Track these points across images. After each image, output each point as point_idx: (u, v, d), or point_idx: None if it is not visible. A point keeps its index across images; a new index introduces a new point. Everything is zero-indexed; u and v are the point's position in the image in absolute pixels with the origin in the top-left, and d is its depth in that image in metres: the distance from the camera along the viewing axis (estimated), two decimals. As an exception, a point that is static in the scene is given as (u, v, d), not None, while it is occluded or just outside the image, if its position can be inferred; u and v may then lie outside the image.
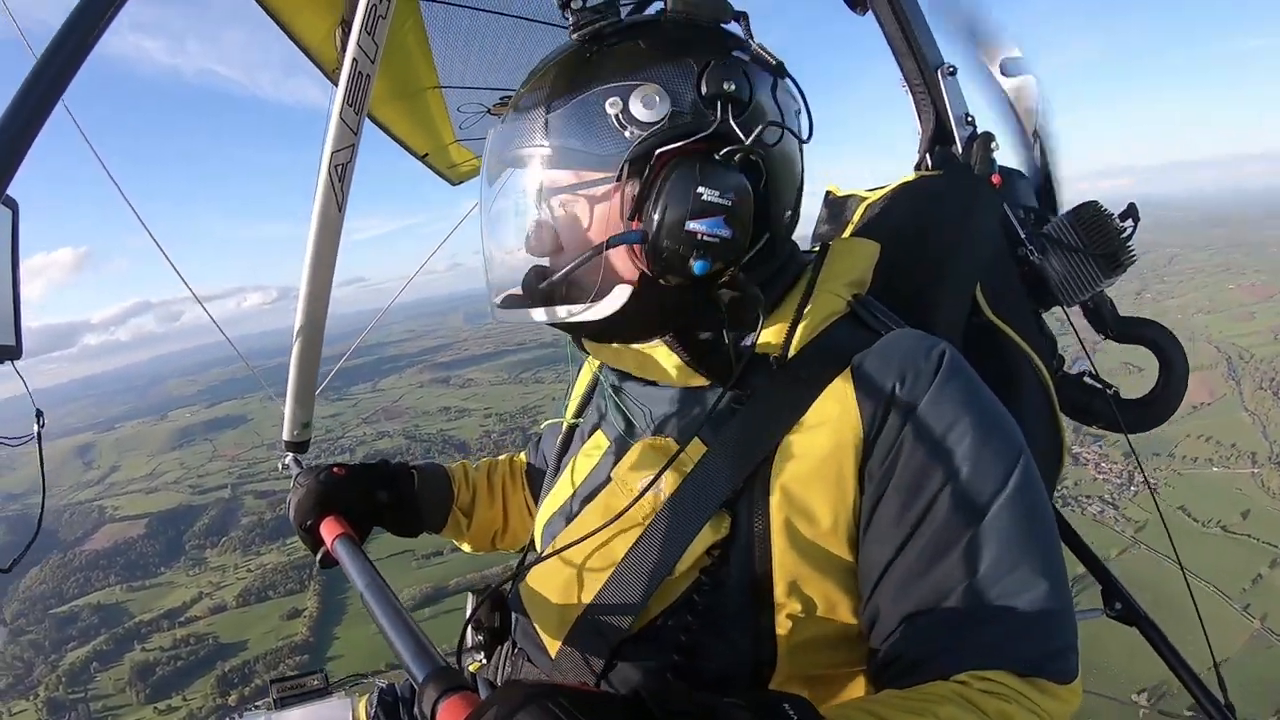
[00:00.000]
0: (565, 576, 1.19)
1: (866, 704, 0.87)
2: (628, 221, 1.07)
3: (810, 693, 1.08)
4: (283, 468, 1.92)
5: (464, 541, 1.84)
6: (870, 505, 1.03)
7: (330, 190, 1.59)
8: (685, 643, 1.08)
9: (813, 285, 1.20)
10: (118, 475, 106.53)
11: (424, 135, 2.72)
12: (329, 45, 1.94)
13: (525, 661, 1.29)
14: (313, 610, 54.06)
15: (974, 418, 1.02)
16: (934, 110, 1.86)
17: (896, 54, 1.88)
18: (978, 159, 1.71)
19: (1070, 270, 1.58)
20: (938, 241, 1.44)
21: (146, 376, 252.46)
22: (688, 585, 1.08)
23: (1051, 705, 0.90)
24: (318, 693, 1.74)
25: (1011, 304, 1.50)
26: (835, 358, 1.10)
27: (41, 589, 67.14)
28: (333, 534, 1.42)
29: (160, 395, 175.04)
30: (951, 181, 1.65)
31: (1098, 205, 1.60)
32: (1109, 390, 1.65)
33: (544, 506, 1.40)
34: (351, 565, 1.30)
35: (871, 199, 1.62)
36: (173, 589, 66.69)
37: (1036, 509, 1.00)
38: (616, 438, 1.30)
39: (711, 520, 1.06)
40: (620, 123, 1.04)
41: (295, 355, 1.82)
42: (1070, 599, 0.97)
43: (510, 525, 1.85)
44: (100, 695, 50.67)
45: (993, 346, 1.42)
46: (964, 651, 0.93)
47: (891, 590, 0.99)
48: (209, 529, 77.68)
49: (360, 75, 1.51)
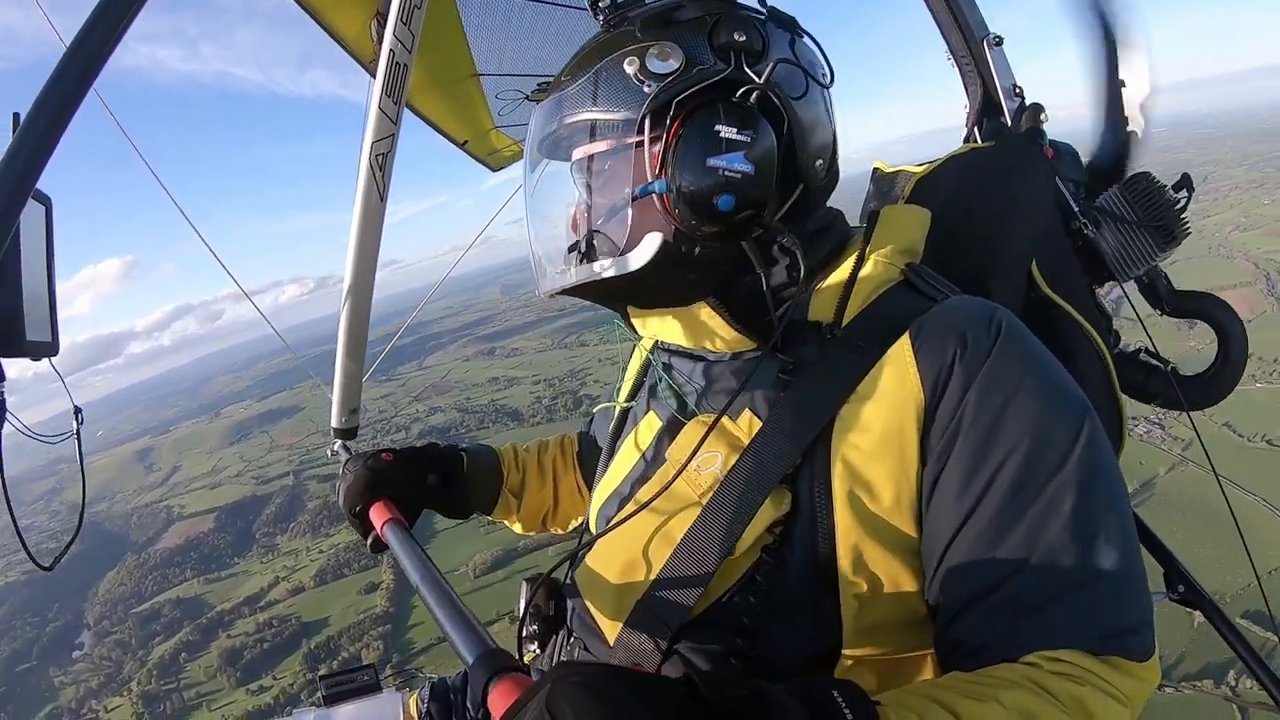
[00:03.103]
0: (623, 560, 1.17)
1: (929, 689, 0.83)
2: (655, 176, 1.09)
3: (879, 678, 1.08)
4: (332, 454, 1.96)
5: (514, 522, 1.84)
6: (933, 478, 0.99)
7: (372, 180, 1.64)
8: (748, 626, 1.06)
9: (864, 252, 1.18)
10: (180, 475, 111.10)
11: (463, 123, 2.75)
12: (365, 38, 1.97)
13: (582, 650, 1.27)
14: (389, 583, 55.55)
15: (1037, 382, 0.99)
16: (981, 82, 1.84)
17: (941, 27, 1.87)
18: (1027, 131, 1.70)
19: (1124, 244, 1.55)
20: (992, 215, 1.42)
21: (193, 377, 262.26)
22: (749, 565, 1.06)
23: (1128, 684, 0.86)
24: (367, 688, 1.68)
25: (1067, 279, 1.45)
26: (892, 325, 1.07)
27: (121, 590, 70.31)
28: (382, 519, 1.44)
29: (210, 394, 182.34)
30: (1005, 153, 1.60)
31: (1150, 176, 1.56)
32: (1167, 367, 1.61)
33: (598, 490, 1.39)
34: (401, 550, 1.31)
35: (920, 173, 1.58)
36: (249, 577, 69.43)
37: (1105, 475, 0.95)
38: (669, 418, 1.28)
39: (772, 496, 1.04)
40: (638, 79, 1.07)
41: (341, 343, 1.86)
42: (1143, 570, 0.93)
43: (561, 506, 1.85)
44: (193, 683, 53.11)
45: (1050, 322, 1.37)
46: (1033, 631, 0.88)
47: (956, 568, 0.96)
48: (277, 516, 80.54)
49: (398, 66, 1.55)
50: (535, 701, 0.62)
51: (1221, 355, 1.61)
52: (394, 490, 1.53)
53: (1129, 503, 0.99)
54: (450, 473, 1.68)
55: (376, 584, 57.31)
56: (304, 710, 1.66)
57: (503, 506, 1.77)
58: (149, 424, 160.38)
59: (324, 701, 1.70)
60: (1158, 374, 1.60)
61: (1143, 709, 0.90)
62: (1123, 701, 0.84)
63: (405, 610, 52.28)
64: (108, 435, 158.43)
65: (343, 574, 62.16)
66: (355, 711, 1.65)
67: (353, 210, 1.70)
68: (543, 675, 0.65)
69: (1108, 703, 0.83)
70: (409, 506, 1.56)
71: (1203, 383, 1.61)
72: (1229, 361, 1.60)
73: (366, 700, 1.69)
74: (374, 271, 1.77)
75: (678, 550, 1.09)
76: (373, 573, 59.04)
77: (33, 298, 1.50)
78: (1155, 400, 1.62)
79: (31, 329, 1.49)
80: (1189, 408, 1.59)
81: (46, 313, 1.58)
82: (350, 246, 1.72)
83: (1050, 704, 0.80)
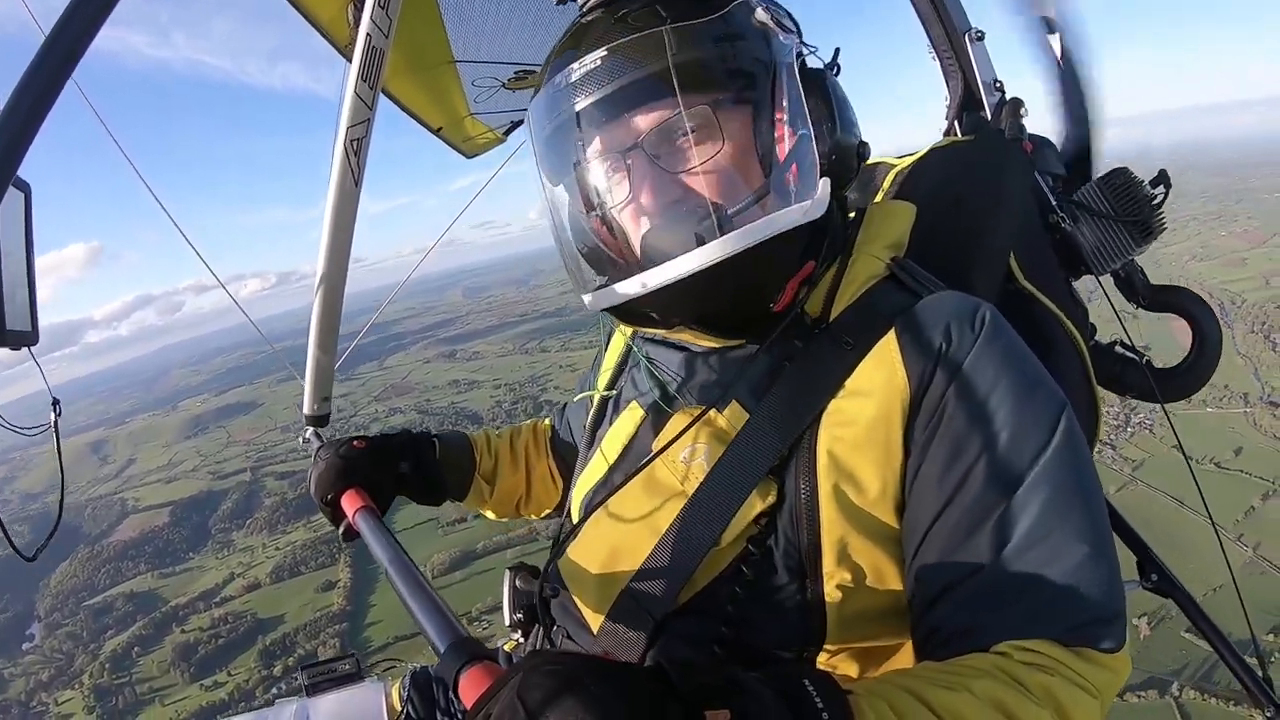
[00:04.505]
0: (608, 550, 1.17)
1: (900, 679, 0.82)
2: (788, 127, 1.08)
3: (861, 666, 1.09)
4: (304, 442, 1.92)
5: (487, 509, 1.83)
6: (914, 468, 1.01)
7: (346, 165, 1.59)
8: (733, 615, 1.06)
9: (851, 248, 1.20)
10: (135, 468, 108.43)
11: (438, 109, 2.66)
12: (342, 22, 1.93)
13: (565, 638, 1.26)
14: (346, 581, 55.63)
15: (1016, 377, 1.01)
16: (962, 76, 1.83)
17: (924, 20, 1.86)
18: (1007, 125, 1.68)
19: (1102, 238, 1.56)
20: (972, 208, 1.41)
21: (151, 369, 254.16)
22: (735, 555, 1.06)
23: (1098, 676, 0.86)
24: (349, 677, 1.71)
25: (1044, 271, 1.47)
26: (878, 320, 1.08)
27: (72, 582, 68.97)
28: (354, 507, 1.43)
29: (167, 387, 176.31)
30: (984, 147, 1.61)
31: (1128, 172, 1.58)
32: (1142, 359, 1.61)
33: (580, 480, 1.39)
34: (373, 538, 1.30)
35: (901, 165, 1.59)
36: (204, 572, 68.45)
37: (1080, 469, 0.97)
38: (652, 407, 1.28)
39: (758, 488, 1.04)
40: (774, 28, 1.07)
41: (314, 329, 1.81)
42: (1117, 563, 0.93)
43: (534, 492, 1.83)
44: (145, 678, 52.57)
45: (1027, 314, 1.38)
46: (1005, 620, 0.89)
47: (932, 557, 0.97)
48: (233, 512, 79.50)
49: (374, 50, 1.50)
50: (507, 690, 0.61)
51: (1196, 348, 1.63)
52: (365, 478, 1.51)
53: (1103, 497, 1.00)
54: (422, 459, 1.65)
55: (334, 582, 56.99)
56: (287, 700, 1.67)
57: (475, 493, 1.75)
58: (104, 415, 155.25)
59: (306, 691, 1.70)
60: (1133, 366, 1.61)
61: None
62: (1092, 693, 0.84)
63: (363, 608, 52.23)
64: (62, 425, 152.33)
65: (299, 571, 61.71)
66: (338, 700, 1.66)
67: (326, 195, 1.66)
68: (513, 664, 0.65)
69: (1077, 693, 0.82)
70: (381, 494, 1.54)
71: (1177, 375, 1.63)
72: (1203, 354, 1.62)
73: (348, 689, 1.68)
74: (348, 257, 1.73)
75: (663, 541, 1.08)
76: (329, 571, 58.86)
77: (12, 286, 1.46)
78: (1131, 392, 1.62)
79: (11, 318, 1.45)
80: (1163, 399, 1.60)
81: (26, 301, 1.53)
82: (324, 232, 1.68)
83: (1020, 693, 0.79)
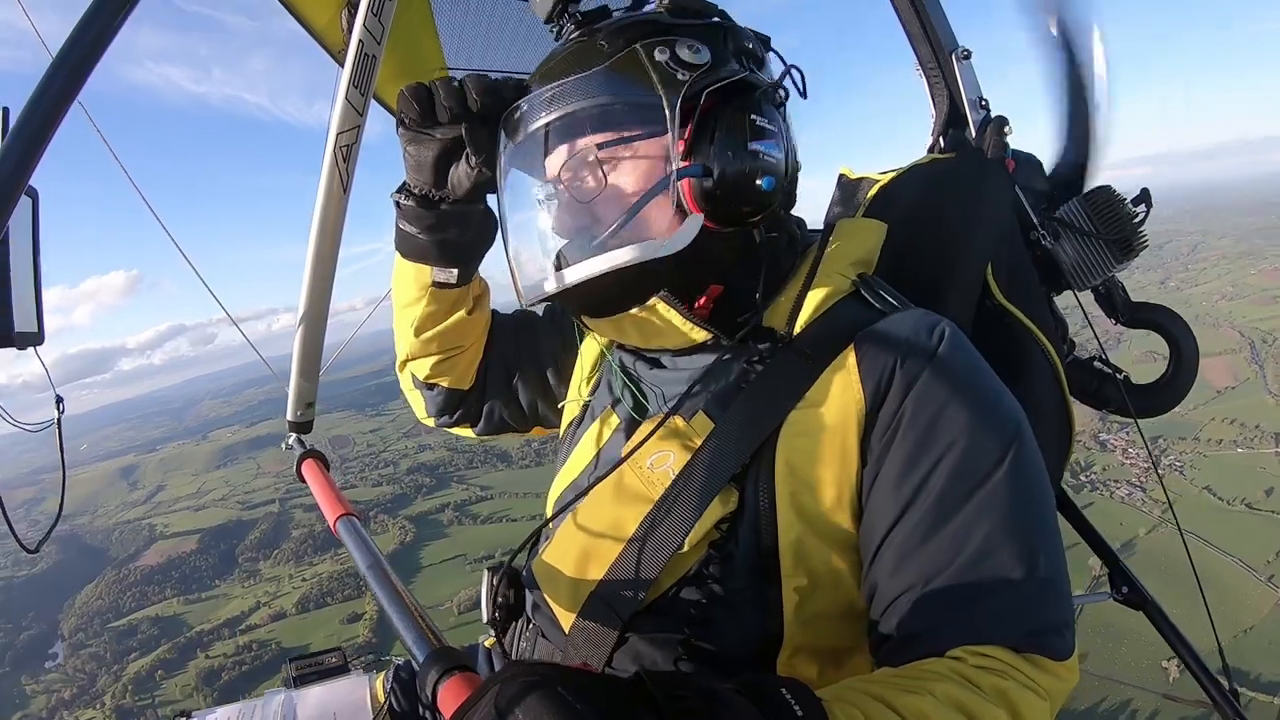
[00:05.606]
0: (578, 552, 1.20)
1: (863, 685, 0.85)
2: (683, 163, 1.08)
3: (820, 666, 1.14)
4: (286, 447, 1.92)
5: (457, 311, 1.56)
6: (871, 477, 1.04)
7: (335, 171, 1.58)
8: (696, 616, 1.09)
9: (817, 263, 1.22)
10: (164, 495, 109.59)
11: None
12: (335, 27, 1.93)
13: (540, 637, 1.30)
14: (372, 614, 55.44)
15: (972, 394, 1.03)
16: (948, 94, 1.85)
17: (911, 38, 1.88)
18: (991, 143, 1.69)
19: (1083, 255, 1.57)
20: (950, 224, 1.43)
21: (181, 399, 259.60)
22: (698, 559, 1.09)
23: (1048, 681, 0.90)
24: (335, 670, 1.74)
25: (1023, 288, 1.48)
26: (840, 335, 1.11)
27: (98, 604, 69.55)
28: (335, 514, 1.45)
29: (197, 417, 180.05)
30: (964, 164, 1.62)
31: (1110, 190, 1.60)
32: (1119, 375, 1.64)
33: (556, 481, 1.42)
34: (354, 546, 1.30)
35: (884, 181, 1.59)
36: (229, 600, 68.75)
37: (1033, 485, 1.00)
38: (627, 416, 1.32)
39: (721, 495, 1.07)
40: (671, 67, 1.06)
41: (299, 336, 1.80)
42: (1066, 575, 0.97)
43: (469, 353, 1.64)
44: (168, 701, 52.33)
45: (1003, 330, 1.41)
46: (959, 627, 0.93)
47: (888, 563, 1.00)
48: (261, 542, 79.85)
49: (366, 57, 1.49)
50: (484, 702, 0.61)
51: (1173, 366, 1.65)
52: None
53: (1055, 511, 1.06)
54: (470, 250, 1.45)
55: (359, 614, 57.01)
56: (274, 690, 1.71)
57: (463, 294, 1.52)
58: (134, 441, 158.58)
59: (293, 683, 1.74)
60: (1111, 381, 1.64)
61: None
62: (1043, 696, 0.88)
63: (388, 642, 51.16)
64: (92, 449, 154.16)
65: (325, 603, 61.83)
66: (324, 692, 1.70)
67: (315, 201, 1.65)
68: (491, 675, 0.65)
69: (1028, 695, 0.86)
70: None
71: (1154, 392, 1.66)
72: (1180, 371, 1.65)
73: (334, 682, 1.73)
74: (334, 264, 1.72)
75: (629, 544, 1.12)
76: (355, 603, 58.90)
77: (20, 289, 1.48)
78: (1108, 407, 1.64)
79: (19, 319, 1.47)
80: (1138, 415, 1.63)
81: (32, 303, 1.55)
82: (311, 238, 1.67)
83: (976, 695, 0.83)
